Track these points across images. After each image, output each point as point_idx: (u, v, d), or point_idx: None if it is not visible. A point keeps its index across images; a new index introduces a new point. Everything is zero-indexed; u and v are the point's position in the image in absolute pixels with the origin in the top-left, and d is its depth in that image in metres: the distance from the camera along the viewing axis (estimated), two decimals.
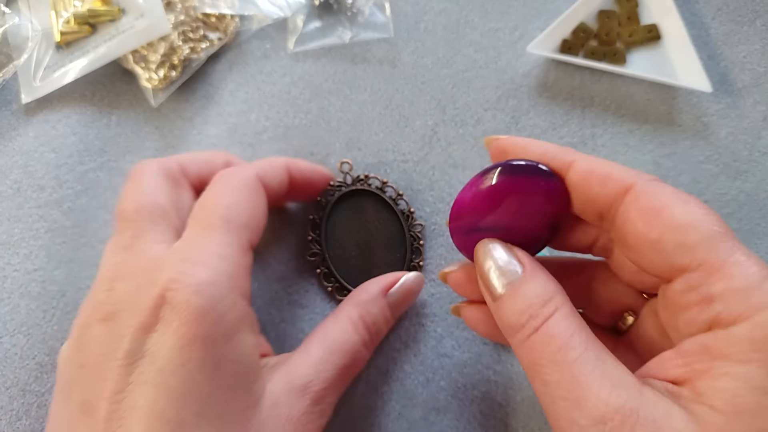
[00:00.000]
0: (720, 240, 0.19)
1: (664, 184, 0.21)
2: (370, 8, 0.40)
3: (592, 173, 0.22)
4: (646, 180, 0.21)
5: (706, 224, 0.19)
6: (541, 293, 0.21)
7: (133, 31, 0.38)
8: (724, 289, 0.18)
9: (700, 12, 0.40)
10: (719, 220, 0.19)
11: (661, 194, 0.20)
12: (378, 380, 0.32)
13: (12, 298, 0.34)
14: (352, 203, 0.34)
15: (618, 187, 0.21)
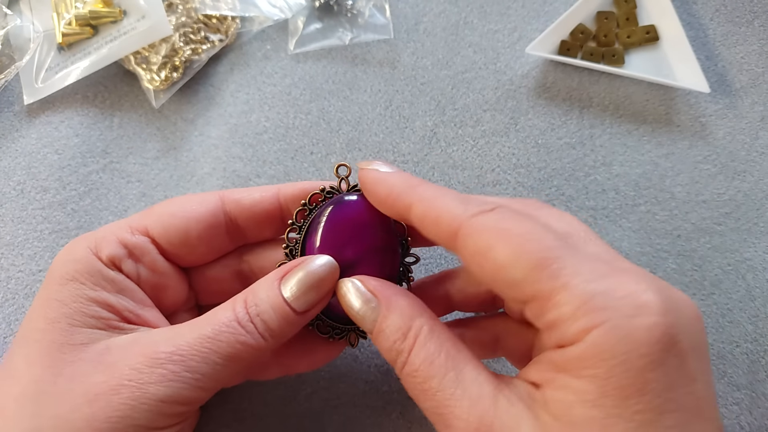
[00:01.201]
0: (543, 268, 0.19)
1: (488, 214, 0.21)
2: (370, 10, 0.41)
3: (425, 218, 0.22)
4: (470, 218, 0.21)
5: (526, 257, 0.19)
6: (400, 325, 0.22)
7: (135, 33, 0.39)
8: (557, 317, 0.19)
9: (698, 13, 0.40)
10: (542, 242, 0.19)
11: (483, 233, 0.20)
12: (379, 380, 0.33)
13: (17, 298, 0.35)
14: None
15: (448, 231, 0.21)
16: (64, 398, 0.21)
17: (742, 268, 0.35)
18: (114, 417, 0.21)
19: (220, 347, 0.22)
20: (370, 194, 0.25)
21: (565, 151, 0.37)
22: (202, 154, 0.38)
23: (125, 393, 0.21)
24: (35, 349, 0.22)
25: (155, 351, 0.22)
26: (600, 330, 0.18)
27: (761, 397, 0.32)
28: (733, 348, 0.33)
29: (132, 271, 0.25)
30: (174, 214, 0.26)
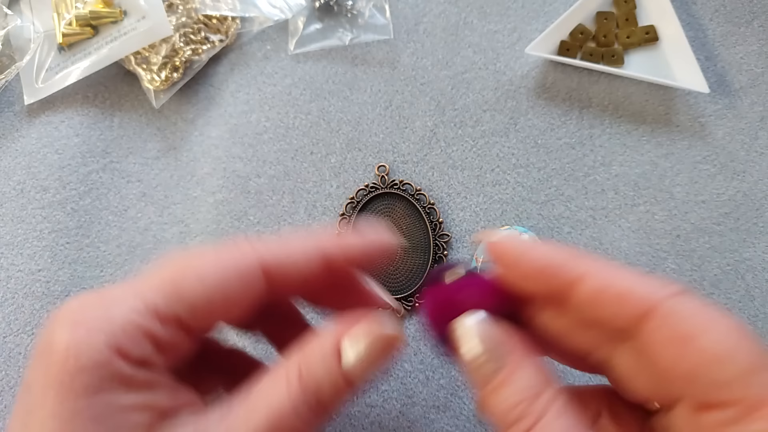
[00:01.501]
0: (758, 372, 0.17)
1: (689, 299, 0.18)
2: (370, 10, 0.41)
3: (605, 292, 0.19)
4: (669, 298, 0.18)
5: (742, 355, 0.17)
6: (532, 384, 0.19)
7: (135, 33, 0.39)
8: (764, 428, 0.17)
9: (697, 13, 0.40)
10: (754, 344, 0.17)
11: (689, 318, 0.18)
12: (378, 379, 0.33)
13: (16, 298, 0.35)
14: (383, 205, 0.36)
15: (638, 310, 0.18)
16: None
17: (741, 268, 0.35)
18: None
19: (274, 427, 0.19)
20: (515, 264, 0.21)
21: (565, 152, 0.37)
22: (202, 154, 0.38)
23: None
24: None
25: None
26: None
27: None
28: None
29: (160, 362, 0.21)
30: (211, 297, 0.20)
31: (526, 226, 0.36)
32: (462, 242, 0.36)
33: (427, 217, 0.35)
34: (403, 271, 0.34)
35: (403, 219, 0.35)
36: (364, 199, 0.35)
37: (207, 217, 0.36)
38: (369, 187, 0.35)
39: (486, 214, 0.36)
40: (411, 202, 0.35)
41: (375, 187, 0.35)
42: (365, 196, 0.35)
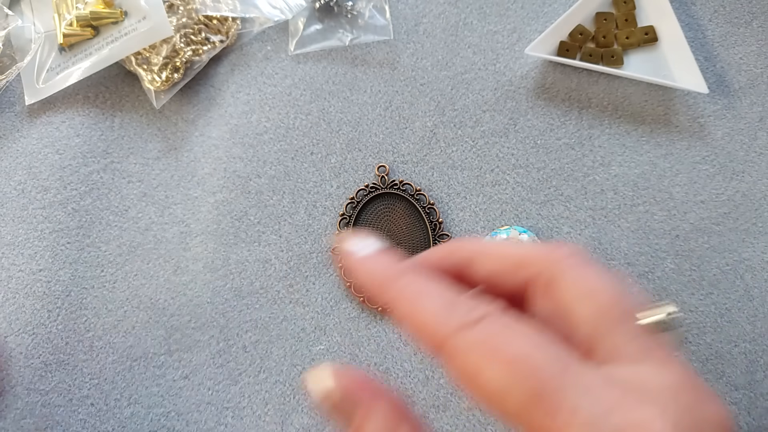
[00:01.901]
0: (538, 403, 0.17)
1: (475, 329, 0.18)
2: (370, 11, 0.41)
3: (408, 323, 0.19)
4: (454, 333, 0.18)
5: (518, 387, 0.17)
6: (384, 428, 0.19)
7: (136, 34, 0.39)
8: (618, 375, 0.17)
9: (696, 14, 0.40)
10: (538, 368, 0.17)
11: (470, 354, 0.18)
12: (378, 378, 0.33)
13: (17, 297, 0.35)
14: (383, 205, 0.36)
15: (432, 344, 0.18)
16: None
17: (740, 268, 0.35)
18: None
19: None
20: (356, 278, 0.21)
21: (564, 152, 0.37)
22: (203, 155, 0.38)
23: None
24: None
25: None
26: None
27: (759, 397, 0.32)
28: (731, 348, 0.33)
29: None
30: None
31: (526, 226, 0.36)
32: None
33: (426, 217, 0.35)
34: None
35: (403, 219, 0.35)
36: (364, 199, 0.36)
37: (207, 217, 0.37)
38: (369, 188, 0.36)
39: (485, 214, 0.36)
40: (411, 203, 0.35)
41: (375, 187, 0.36)
42: (365, 196, 0.36)
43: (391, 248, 0.21)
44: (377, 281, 0.20)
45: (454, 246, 0.22)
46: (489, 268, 0.21)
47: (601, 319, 0.18)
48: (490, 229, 0.36)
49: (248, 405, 0.32)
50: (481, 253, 0.22)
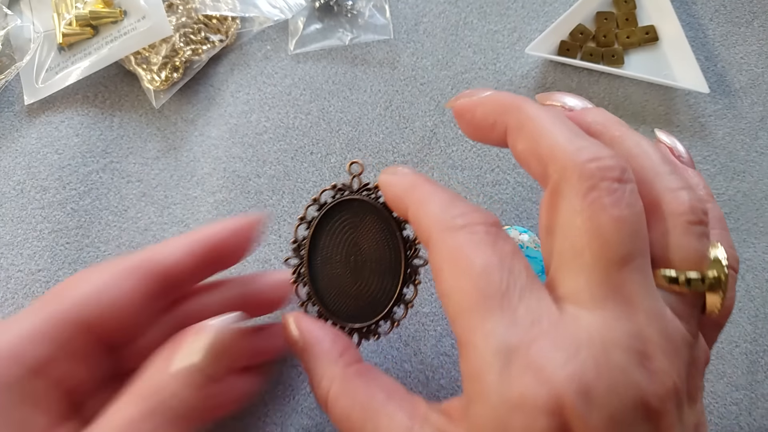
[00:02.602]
0: (467, 316, 0.18)
1: (456, 233, 0.19)
2: (370, 10, 0.41)
3: (413, 223, 0.22)
4: (440, 231, 0.20)
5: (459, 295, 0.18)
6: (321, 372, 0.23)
7: (135, 33, 0.39)
8: (461, 368, 0.19)
9: (697, 13, 0.40)
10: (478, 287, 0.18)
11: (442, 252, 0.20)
12: None
13: (16, 298, 0.35)
14: (352, 212, 0.28)
15: (424, 240, 0.21)
16: None
17: (741, 269, 0.35)
18: None
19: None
20: (384, 198, 0.24)
21: None
22: (202, 154, 0.38)
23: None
24: None
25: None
26: (478, 407, 0.17)
27: (760, 398, 0.32)
28: (732, 348, 0.33)
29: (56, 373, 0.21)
30: (97, 294, 0.22)
31: (526, 226, 0.36)
32: None
33: (400, 233, 0.27)
34: (363, 296, 0.27)
35: (370, 233, 0.27)
36: (329, 204, 0.28)
37: (207, 217, 0.36)
38: (336, 189, 0.28)
39: None
40: (384, 214, 0.27)
41: (343, 189, 0.27)
42: (332, 198, 0.28)
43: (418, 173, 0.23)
44: (400, 191, 0.23)
45: (514, 104, 0.21)
46: (525, 146, 0.20)
47: (579, 257, 0.18)
48: None
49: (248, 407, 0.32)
50: (529, 124, 0.21)
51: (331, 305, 0.27)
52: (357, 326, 0.27)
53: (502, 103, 0.21)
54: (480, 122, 0.22)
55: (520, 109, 0.20)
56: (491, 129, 0.21)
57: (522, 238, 0.33)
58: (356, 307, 0.27)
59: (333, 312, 0.27)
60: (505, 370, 0.17)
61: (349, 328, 0.27)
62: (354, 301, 0.27)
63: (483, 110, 0.22)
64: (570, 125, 0.19)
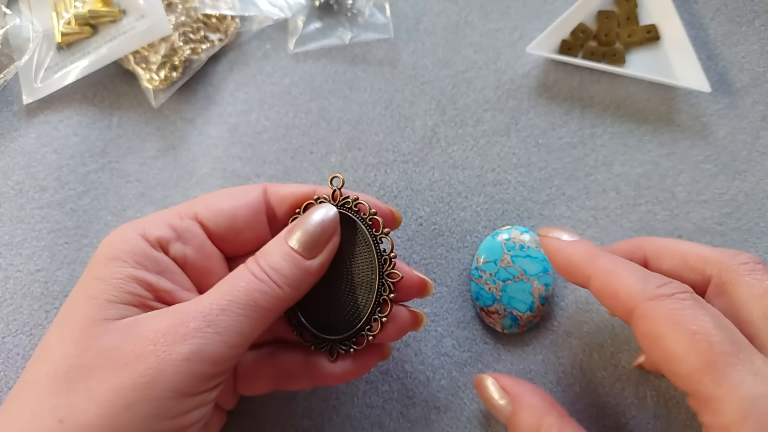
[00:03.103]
0: (708, 372, 0.20)
1: (666, 301, 0.22)
2: (370, 9, 0.41)
3: (603, 291, 0.24)
4: (647, 300, 0.22)
5: (694, 355, 0.20)
6: (531, 422, 0.25)
7: (134, 32, 0.39)
8: (710, 422, 0.20)
9: (698, 12, 0.40)
10: (713, 343, 0.20)
11: (658, 319, 0.21)
12: (379, 380, 0.33)
13: (15, 298, 0.35)
14: None
15: (624, 308, 0.23)
16: (93, 371, 0.21)
17: None
18: (141, 383, 0.20)
19: (238, 298, 0.22)
20: (552, 261, 0.27)
21: (566, 151, 0.37)
22: (202, 154, 0.38)
23: (150, 358, 0.21)
24: (69, 325, 0.22)
25: (178, 315, 0.22)
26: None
27: None
28: None
29: (179, 254, 0.25)
30: (221, 200, 0.27)
31: (528, 226, 0.35)
32: (463, 242, 0.35)
33: (376, 247, 0.27)
34: (342, 308, 0.27)
35: (350, 247, 0.27)
36: None
37: None
38: (319, 203, 0.28)
39: (487, 214, 0.36)
40: (361, 228, 0.27)
41: (325, 203, 0.27)
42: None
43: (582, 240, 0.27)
44: (579, 260, 0.25)
45: (639, 242, 0.27)
46: (672, 263, 0.26)
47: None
48: (492, 228, 0.36)
49: (248, 408, 0.32)
50: (666, 248, 0.26)
51: (312, 317, 0.28)
52: (336, 338, 0.27)
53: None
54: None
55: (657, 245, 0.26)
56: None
57: (523, 238, 0.33)
58: (335, 319, 0.27)
59: (313, 324, 0.28)
60: (764, 416, 0.19)
61: (328, 340, 0.27)
62: (333, 313, 0.27)
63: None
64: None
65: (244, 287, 0.23)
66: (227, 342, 0.22)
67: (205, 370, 0.21)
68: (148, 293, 0.24)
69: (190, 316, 0.22)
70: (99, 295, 0.23)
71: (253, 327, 0.23)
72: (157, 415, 0.20)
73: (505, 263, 0.33)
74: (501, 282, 0.32)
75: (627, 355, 0.32)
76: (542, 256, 0.33)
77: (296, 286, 0.24)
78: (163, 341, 0.21)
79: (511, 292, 0.32)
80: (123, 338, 0.21)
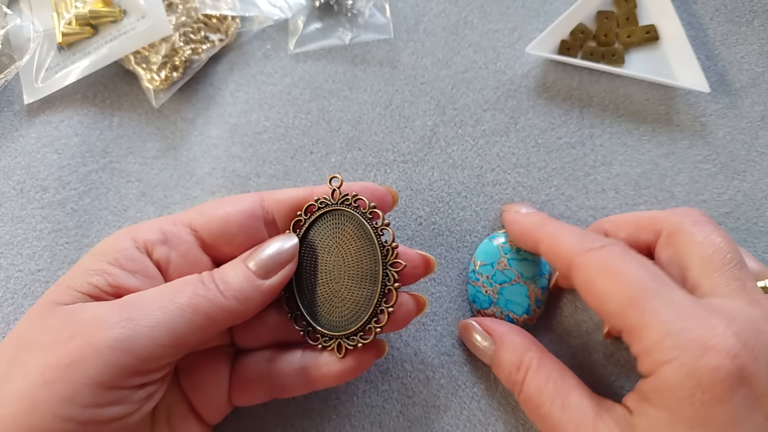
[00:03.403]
0: (632, 306, 0.22)
1: (597, 252, 0.24)
2: (370, 9, 0.41)
3: (549, 252, 0.27)
4: (582, 253, 0.25)
5: (619, 294, 0.23)
6: (513, 359, 0.27)
7: (135, 33, 0.39)
8: (639, 349, 0.23)
9: (698, 13, 0.40)
10: (637, 282, 0.23)
11: (590, 268, 0.24)
12: (378, 379, 0.33)
13: (16, 298, 0.35)
14: (332, 223, 0.29)
15: (564, 263, 0.26)
16: (30, 347, 0.22)
17: None
18: (63, 364, 0.21)
19: (180, 298, 0.23)
20: (508, 231, 0.32)
21: (565, 151, 0.37)
22: (202, 154, 0.38)
23: (78, 341, 0.21)
24: (35, 305, 0.24)
25: (118, 304, 0.22)
26: (670, 366, 0.21)
27: None
28: None
29: (162, 257, 0.26)
30: (216, 207, 0.27)
31: None
32: (462, 242, 0.35)
33: (377, 240, 0.27)
34: (347, 304, 0.28)
35: (352, 242, 0.28)
36: (311, 216, 0.29)
37: None
38: (320, 203, 0.29)
39: (486, 214, 0.36)
40: (362, 222, 0.28)
41: (325, 202, 0.29)
42: (316, 211, 0.29)
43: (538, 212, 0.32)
44: (529, 228, 0.29)
45: (600, 222, 0.31)
46: (627, 231, 0.28)
47: (707, 264, 0.24)
48: (492, 229, 0.36)
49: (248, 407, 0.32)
50: (621, 219, 0.29)
51: (317, 315, 0.28)
52: (343, 334, 0.28)
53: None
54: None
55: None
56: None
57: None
58: (342, 315, 0.28)
59: (319, 322, 0.28)
60: (684, 333, 0.21)
61: (336, 337, 0.28)
62: (339, 309, 0.28)
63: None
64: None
65: (190, 289, 0.23)
66: (157, 339, 0.22)
67: (127, 362, 0.21)
68: (111, 289, 0.24)
69: (128, 306, 0.22)
70: (64, 281, 0.24)
71: (188, 330, 0.23)
72: (72, 399, 0.20)
73: (502, 266, 0.33)
74: (498, 285, 0.32)
75: (626, 354, 0.32)
76: (539, 259, 0.33)
77: (243, 301, 0.24)
78: (94, 326, 0.21)
79: (508, 295, 0.32)
80: (62, 320, 0.22)
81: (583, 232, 0.26)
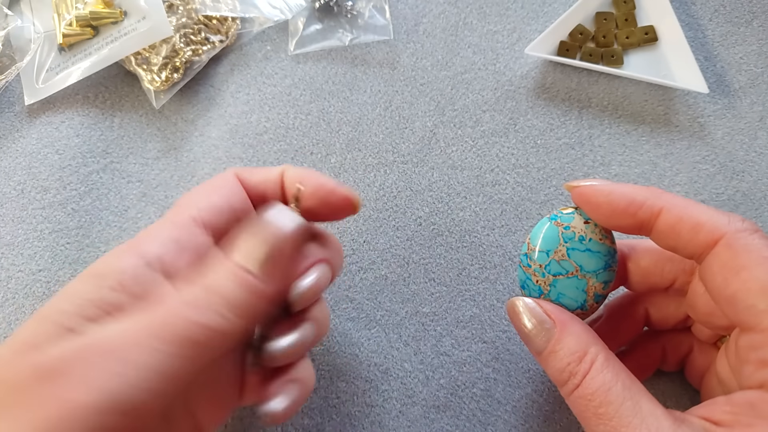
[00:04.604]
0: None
1: (753, 235, 0.21)
2: (370, 11, 0.41)
3: (681, 222, 0.23)
4: (734, 232, 0.21)
5: (757, 283, 0.20)
6: (576, 348, 0.23)
7: (136, 34, 0.39)
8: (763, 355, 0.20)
9: (696, 14, 0.40)
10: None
11: (744, 252, 0.21)
12: (378, 379, 0.33)
13: (17, 298, 0.35)
14: None
15: (708, 238, 0.22)
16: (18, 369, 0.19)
17: None
18: (43, 427, 0.17)
19: (165, 331, 0.18)
20: (598, 205, 0.25)
21: (564, 152, 0.37)
22: (203, 155, 0.38)
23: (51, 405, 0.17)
24: (4, 350, 0.20)
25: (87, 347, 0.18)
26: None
27: None
28: None
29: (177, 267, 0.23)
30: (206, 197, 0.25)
31: (526, 227, 0.36)
32: (462, 242, 0.36)
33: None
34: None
35: None
36: None
37: None
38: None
39: (485, 214, 0.36)
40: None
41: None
42: None
43: None
44: (642, 197, 0.24)
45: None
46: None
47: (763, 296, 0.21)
48: (491, 228, 0.36)
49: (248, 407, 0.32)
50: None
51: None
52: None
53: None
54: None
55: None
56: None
57: (586, 229, 0.27)
58: None
59: None
60: None
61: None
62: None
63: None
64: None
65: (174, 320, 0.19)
66: (144, 385, 0.18)
67: (112, 422, 0.17)
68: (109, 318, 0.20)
69: (98, 351, 0.18)
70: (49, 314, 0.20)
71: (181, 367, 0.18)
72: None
73: (559, 256, 0.27)
74: (551, 276, 0.27)
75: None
76: (605, 250, 0.27)
77: (245, 316, 0.20)
78: (63, 382, 0.17)
79: (561, 288, 0.27)
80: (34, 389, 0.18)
81: (710, 208, 0.23)
